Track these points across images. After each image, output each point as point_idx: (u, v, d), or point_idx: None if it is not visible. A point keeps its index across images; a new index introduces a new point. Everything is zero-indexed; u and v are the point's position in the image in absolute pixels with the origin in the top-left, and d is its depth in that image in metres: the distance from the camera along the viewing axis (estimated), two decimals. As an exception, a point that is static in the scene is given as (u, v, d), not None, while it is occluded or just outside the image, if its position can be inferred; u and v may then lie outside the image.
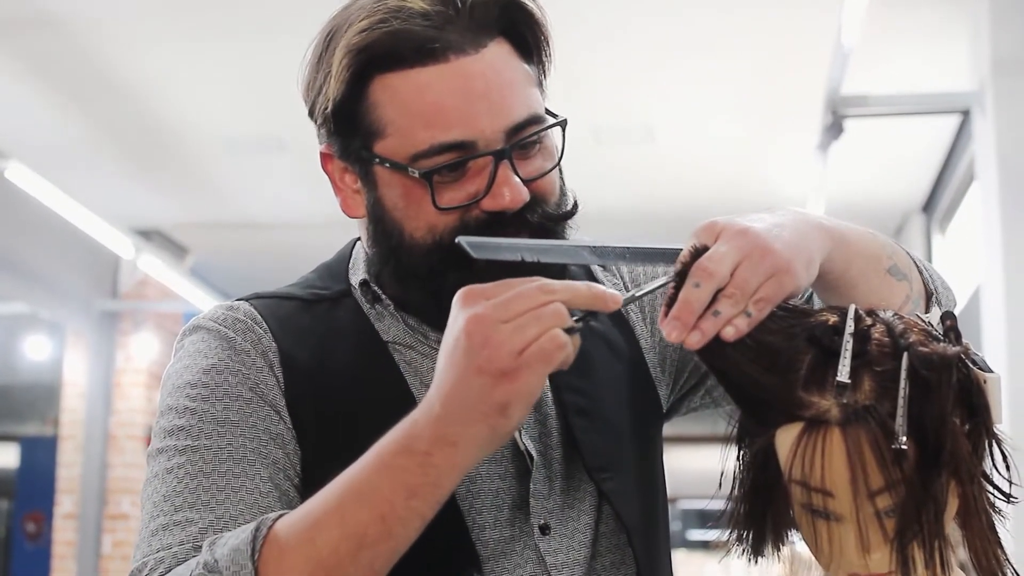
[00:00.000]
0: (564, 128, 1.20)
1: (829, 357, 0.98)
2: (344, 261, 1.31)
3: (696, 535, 15.69)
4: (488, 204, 1.14)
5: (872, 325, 1.00)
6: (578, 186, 1.25)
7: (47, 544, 8.40)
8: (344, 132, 1.19)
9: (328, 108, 1.17)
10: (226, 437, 1.16)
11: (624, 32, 5.25)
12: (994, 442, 1.01)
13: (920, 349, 0.98)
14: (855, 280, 1.14)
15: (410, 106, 1.14)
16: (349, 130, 1.18)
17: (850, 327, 0.99)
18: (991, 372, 1.00)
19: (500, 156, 1.14)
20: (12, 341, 9.87)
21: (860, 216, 2.49)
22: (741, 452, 1.05)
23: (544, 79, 1.22)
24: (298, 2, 4.61)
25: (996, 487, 1.02)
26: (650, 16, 5.12)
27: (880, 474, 0.96)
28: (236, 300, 1.27)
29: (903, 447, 0.94)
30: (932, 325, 1.03)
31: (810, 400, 0.98)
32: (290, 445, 1.18)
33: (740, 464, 1.05)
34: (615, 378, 1.30)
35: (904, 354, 0.97)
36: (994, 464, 1.02)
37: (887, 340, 0.99)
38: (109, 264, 8.27)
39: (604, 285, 1.21)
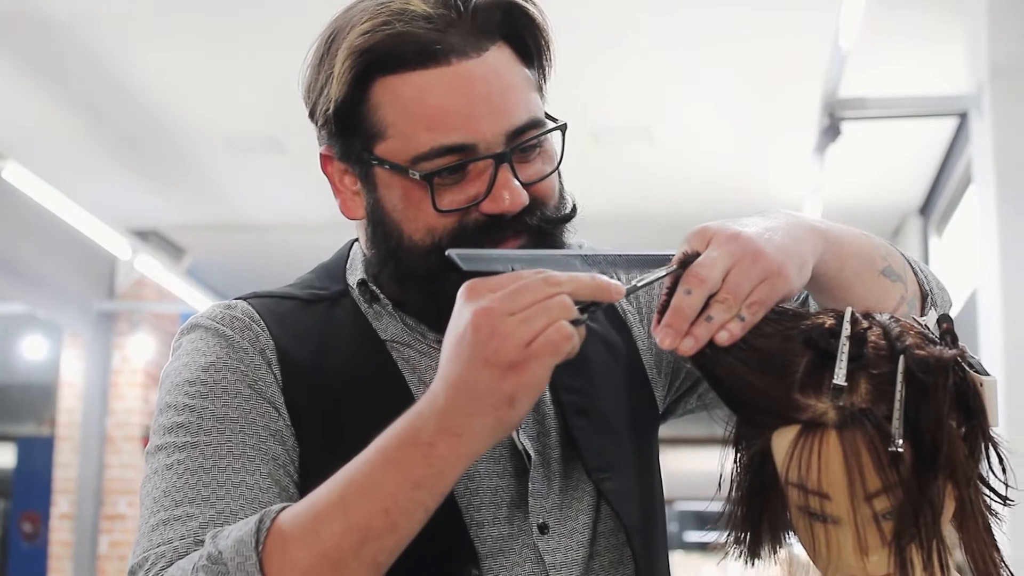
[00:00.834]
0: (564, 132, 1.20)
1: (825, 360, 0.98)
2: (342, 262, 1.31)
3: (693, 537, 15.66)
4: (487, 207, 1.14)
5: (868, 328, 1.00)
6: (576, 186, 1.25)
7: (43, 544, 8.39)
8: (345, 134, 1.19)
9: (329, 109, 1.17)
10: (225, 433, 1.16)
11: (623, 34, 5.25)
12: (990, 445, 1.01)
13: (916, 352, 0.98)
14: (849, 282, 1.15)
15: (411, 108, 1.14)
16: (350, 132, 1.18)
17: (846, 330, 0.99)
18: (987, 375, 1.01)
19: (500, 159, 1.14)
20: (9, 341, 9.86)
21: (857, 218, 2.50)
22: (738, 455, 1.05)
23: (545, 83, 1.22)
24: (297, 3, 4.61)
25: (992, 490, 1.02)
26: (648, 18, 5.13)
27: (877, 477, 0.96)
28: (234, 299, 1.28)
29: (899, 450, 0.95)
30: (928, 328, 1.03)
31: (806, 403, 0.98)
32: (289, 441, 1.19)
33: (737, 466, 1.05)
34: (613, 378, 1.30)
35: (900, 357, 0.97)
36: (990, 467, 1.02)
37: (883, 343, 0.99)
38: (106, 264, 8.27)
39: None
